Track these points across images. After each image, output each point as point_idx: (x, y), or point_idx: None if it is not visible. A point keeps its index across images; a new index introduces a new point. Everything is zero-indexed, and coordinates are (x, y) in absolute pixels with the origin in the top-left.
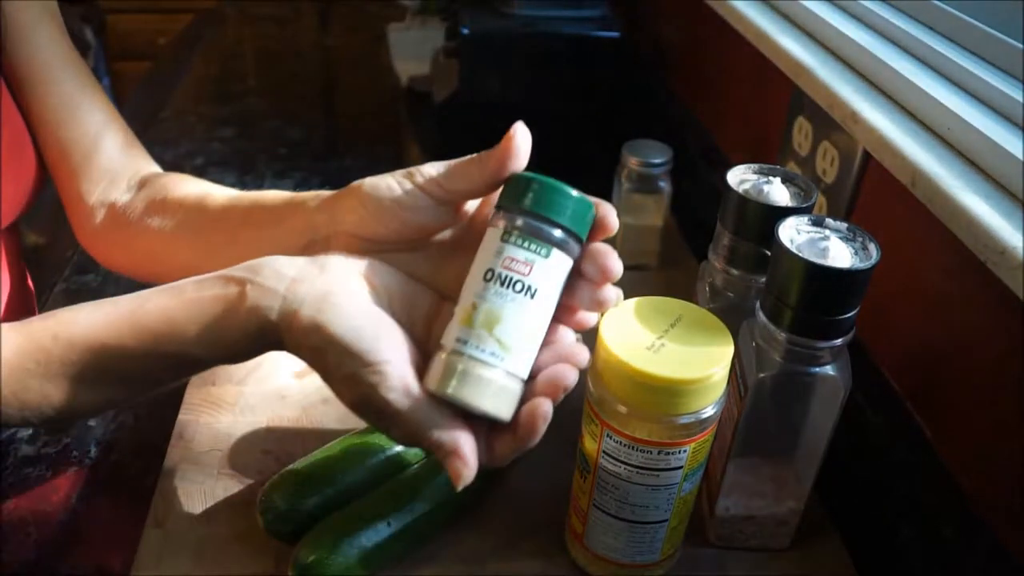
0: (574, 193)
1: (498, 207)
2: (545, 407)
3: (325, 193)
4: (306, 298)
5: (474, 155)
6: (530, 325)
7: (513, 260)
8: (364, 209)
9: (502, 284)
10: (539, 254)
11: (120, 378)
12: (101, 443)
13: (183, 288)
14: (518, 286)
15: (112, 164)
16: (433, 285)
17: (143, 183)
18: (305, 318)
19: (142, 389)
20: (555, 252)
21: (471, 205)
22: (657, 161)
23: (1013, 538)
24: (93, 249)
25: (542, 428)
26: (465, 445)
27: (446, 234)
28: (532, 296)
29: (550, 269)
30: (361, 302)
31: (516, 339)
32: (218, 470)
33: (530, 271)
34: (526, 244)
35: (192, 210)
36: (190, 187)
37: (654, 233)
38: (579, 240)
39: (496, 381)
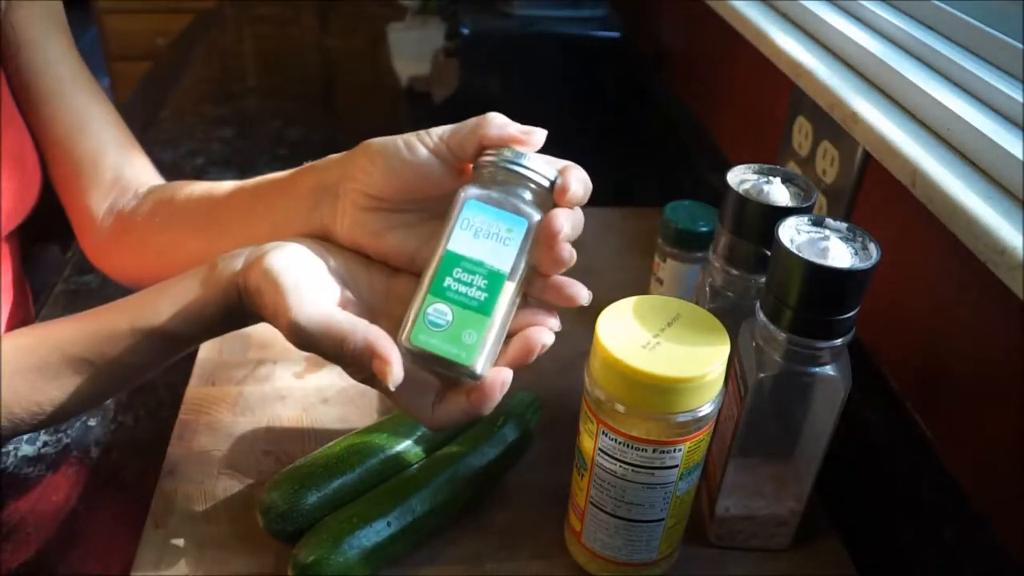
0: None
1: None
2: (505, 376)
3: (335, 155)
4: (263, 248)
5: (477, 117)
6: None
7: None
8: (373, 167)
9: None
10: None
11: (90, 366)
12: (101, 443)
13: (161, 282)
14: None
15: (121, 176)
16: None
17: (149, 191)
18: (257, 261)
19: (115, 378)
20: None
21: None
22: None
23: (1013, 538)
24: (102, 260)
25: (498, 397)
26: (380, 344)
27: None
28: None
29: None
30: (307, 254)
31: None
32: (218, 470)
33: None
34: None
35: (201, 200)
36: (196, 185)
37: None
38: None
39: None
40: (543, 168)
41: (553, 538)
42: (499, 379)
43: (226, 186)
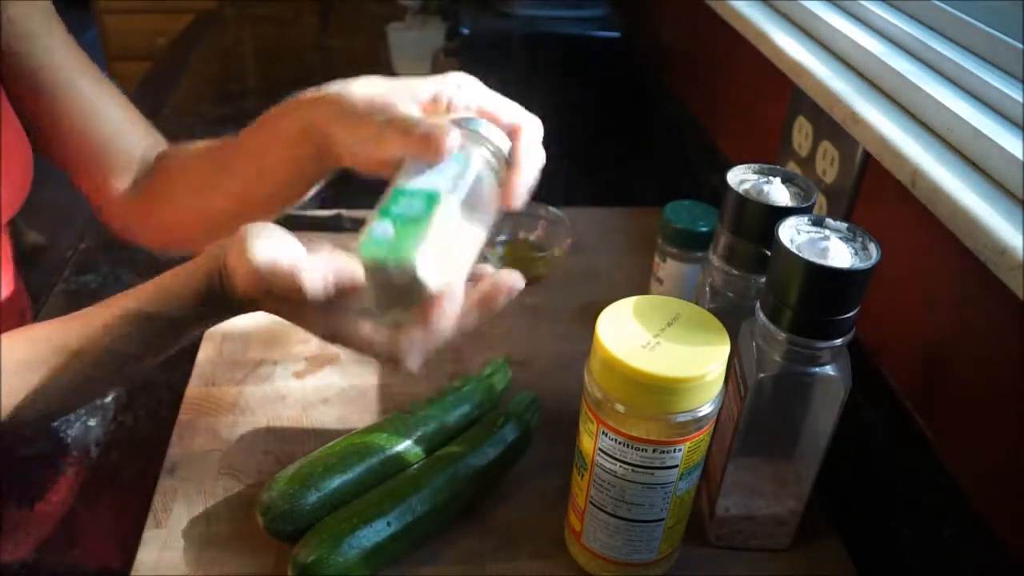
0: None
1: None
2: (454, 288)
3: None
4: (247, 229)
5: (408, 120)
6: None
7: None
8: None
9: None
10: None
11: (88, 358)
12: (101, 443)
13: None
14: None
15: (139, 152)
16: None
17: (158, 158)
18: (239, 241)
19: (113, 369)
20: None
21: None
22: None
23: (1013, 538)
24: (131, 230)
25: (447, 308)
26: (340, 259)
27: None
28: None
29: None
30: (289, 238)
31: None
32: (218, 470)
33: None
34: None
35: (210, 147)
36: (198, 142)
37: None
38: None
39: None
40: (491, 130)
41: (553, 538)
42: (448, 288)
43: (227, 138)
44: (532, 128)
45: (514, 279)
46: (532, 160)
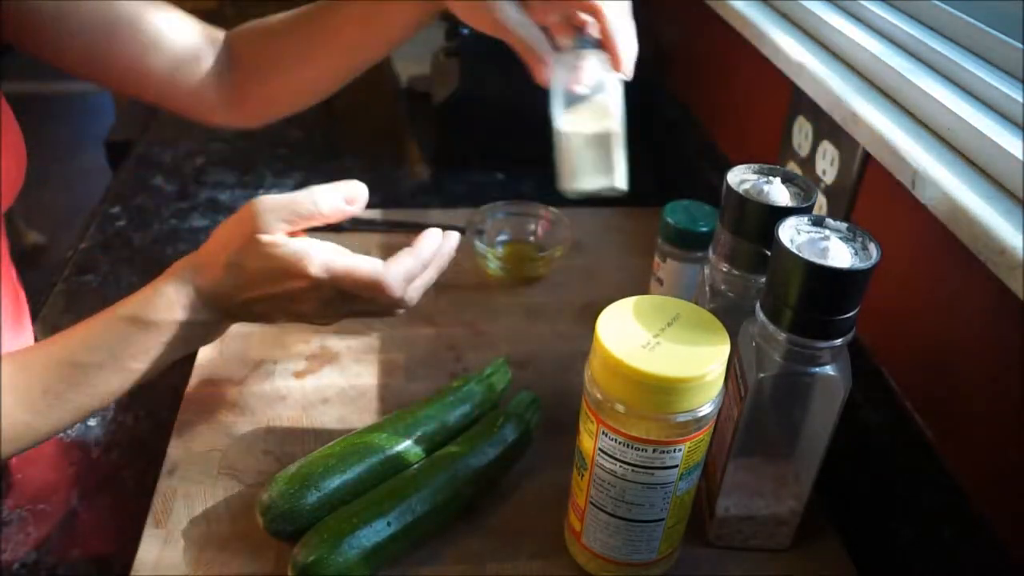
0: None
1: None
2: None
3: None
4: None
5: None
6: None
7: None
8: None
9: None
10: None
11: (90, 368)
12: (101, 443)
13: None
14: None
15: (217, 46)
16: None
17: (230, 39)
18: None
19: (104, 376)
20: None
21: None
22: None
23: (1013, 538)
24: (231, 117)
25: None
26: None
27: None
28: None
29: None
30: None
31: None
32: (218, 470)
33: None
34: None
35: (303, 12)
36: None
37: None
38: None
39: None
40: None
41: (553, 538)
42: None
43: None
44: (612, 7)
45: (449, 232)
46: (622, 32)
